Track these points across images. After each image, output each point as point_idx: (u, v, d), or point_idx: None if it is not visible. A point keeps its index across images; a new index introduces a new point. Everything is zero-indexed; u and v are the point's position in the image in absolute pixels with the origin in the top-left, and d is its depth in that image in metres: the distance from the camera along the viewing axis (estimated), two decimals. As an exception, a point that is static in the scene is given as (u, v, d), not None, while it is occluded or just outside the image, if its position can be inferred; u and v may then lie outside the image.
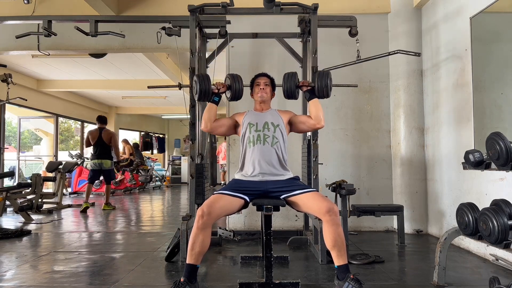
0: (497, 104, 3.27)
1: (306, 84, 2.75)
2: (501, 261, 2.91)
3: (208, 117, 2.61)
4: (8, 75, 6.20)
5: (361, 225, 4.41)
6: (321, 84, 2.69)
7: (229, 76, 2.74)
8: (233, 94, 2.71)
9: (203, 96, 2.68)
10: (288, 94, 2.76)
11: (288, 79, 2.73)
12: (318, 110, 2.63)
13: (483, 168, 2.20)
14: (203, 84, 2.66)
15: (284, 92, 2.77)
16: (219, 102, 2.69)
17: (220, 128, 2.69)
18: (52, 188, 8.53)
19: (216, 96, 2.68)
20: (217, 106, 2.68)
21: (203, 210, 2.21)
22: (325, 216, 2.22)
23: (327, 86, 2.70)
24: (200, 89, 2.66)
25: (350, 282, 2.19)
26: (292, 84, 2.73)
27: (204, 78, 2.68)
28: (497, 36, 3.33)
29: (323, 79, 2.70)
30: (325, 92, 2.72)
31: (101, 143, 6.43)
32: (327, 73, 2.73)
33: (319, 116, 2.62)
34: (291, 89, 2.73)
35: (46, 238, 4.21)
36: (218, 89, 2.68)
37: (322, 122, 2.62)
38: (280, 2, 3.35)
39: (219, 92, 2.69)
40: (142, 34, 4.90)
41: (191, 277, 2.22)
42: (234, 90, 2.70)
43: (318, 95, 2.73)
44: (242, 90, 2.73)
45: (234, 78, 2.70)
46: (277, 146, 2.55)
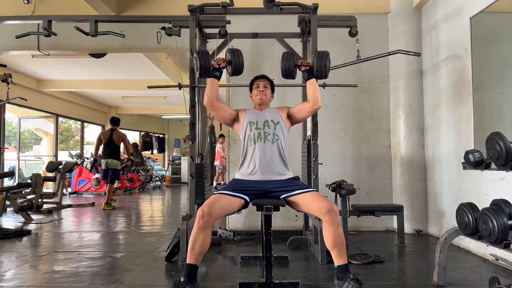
0: (497, 104, 3.27)
1: (305, 64, 2.75)
2: (501, 261, 2.91)
3: (210, 92, 2.61)
4: (8, 75, 6.20)
5: (361, 225, 4.41)
6: (320, 64, 2.70)
7: (229, 51, 2.75)
8: (234, 69, 2.72)
9: (204, 72, 2.69)
10: (286, 73, 2.76)
11: (287, 58, 2.73)
12: (316, 91, 2.64)
13: (483, 168, 2.20)
14: (203, 60, 2.67)
15: (282, 71, 2.76)
16: (220, 77, 2.70)
17: (221, 110, 2.68)
18: (52, 188, 8.53)
19: (217, 71, 2.69)
20: (218, 81, 2.67)
21: (204, 210, 2.22)
22: (325, 216, 2.22)
23: (326, 66, 2.71)
24: (200, 65, 2.67)
25: (350, 282, 2.19)
26: (291, 63, 2.73)
27: (204, 54, 2.69)
28: (497, 36, 3.33)
29: (322, 60, 2.70)
30: (323, 72, 2.72)
31: (110, 144, 6.65)
32: (326, 54, 2.74)
33: (316, 96, 2.62)
34: (290, 68, 2.73)
35: (46, 238, 4.22)
36: (219, 64, 2.69)
37: (319, 102, 2.62)
38: (280, 2, 3.35)
39: (220, 67, 2.70)
40: (142, 34, 4.90)
41: (191, 277, 2.22)
42: (235, 65, 2.71)
43: (317, 75, 2.73)
44: (243, 65, 2.73)
45: (234, 53, 2.72)
46: (278, 143, 2.56)
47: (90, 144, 16.70)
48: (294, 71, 2.76)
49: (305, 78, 2.74)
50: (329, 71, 2.74)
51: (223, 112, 2.70)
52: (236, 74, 2.76)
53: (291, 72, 2.75)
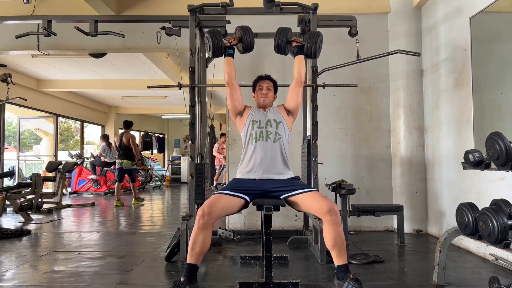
0: (497, 104, 3.27)
1: (297, 41, 2.81)
2: (500, 260, 2.91)
3: (229, 70, 2.65)
4: (8, 75, 6.20)
5: (361, 225, 4.41)
6: (310, 42, 2.76)
7: (239, 28, 2.78)
8: (245, 45, 2.77)
9: (216, 51, 2.71)
10: (278, 47, 2.81)
11: (281, 33, 2.79)
12: (301, 66, 2.71)
13: (482, 168, 2.20)
14: (215, 39, 2.68)
15: (274, 45, 2.81)
16: (234, 54, 2.73)
17: (236, 93, 2.67)
18: (52, 188, 8.53)
19: (230, 49, 2.72)
20: (233, 59, 2.71)
21: (204, 210, 2.22)
22: (326, 216, 2.23)
23: (316, 43, 2.76)
24: (213, 44, 2.68)
25: (350, 282, 2.19)
26: (284, 38, 2.78)
27: (215, 34, 2.71)
28: (496, 36, 3.33)
29: (313, 38, 2.76)
30: (313, 50, 2.77)
31: (122, 146, 7.17)
32: (318, 33, 2.80)
33: (301, 72, 2.69)
34: (282, 43, 2.79)
35: (46, 238, 4.22)
36: (230, 42, 2.74)
37: (303, 77, 2.70)
38: (280, 2, 3.35)
39: (231, 45, 2.74)
40: (142, 34, 4.90)
41: (191, 277, 2.23)
42: (246, 41, 2.75)
43: (306, 53, 2.79)
44: (253, 41, 2.78)
45: (244, 30, 2.76)
46: (280, 142, 2.57)
47: (90, 144, 16.70)
48: (286, 47, 2.81)
49: (294, 53, 2.80)
50: (319, 52, 2.81)
51: (237, 95, 2.69)
52: (247, 51, 2.81)
53: (283, 47, 2.81)
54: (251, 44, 2.77)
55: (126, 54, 6.66)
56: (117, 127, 13.48)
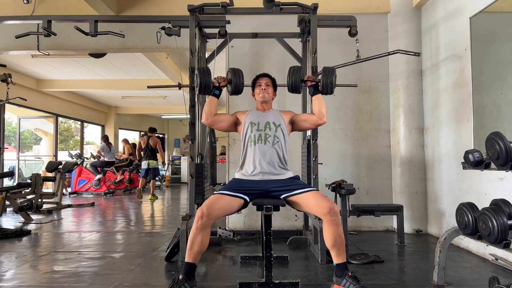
0: (497, 104, 3.28)
1: (311, 79, 2.76)
2: (500, 260, 2.91)
3: (208, 110, 2.63)
4: (7, 75, 6.19)
5: (361, 224, 4.41)
6: (326, 81, 2.70)
7: (230, 70, 2.76)
8: (234, 88, 2.73)
9: (203, 89, 2.70)
10: (293, 88, 2.76)
11: (293, 73, 2.74)
12: (321, 106, 2.65)
13: (482, 168, 2.20)
14: (203, 77, 2.68)
15: (288, 85, 2.77)
16: (220, 95, 2.72)
17: (220, 122, 2.69)
18: (51, 188, 8.53)
19: (217, 90, 2.70)
20: (217, 100, 2.70)
21: (203, 211, 2.21)
22: (326, 216, 2.23)
23: (332, 83, 2.71)
24: (200, 82, 2.68)
25: (348, 280, 2.20)
26: (297, 78, 2.73)
27: (204, 72, 2.70)
28: (496, 36, 3.33)
29: (328, 76, 2.71)
30: (329, 88, 2.72)
31: (148, 148, 8.09)
32: (332, 70, 2.74)
33: (322, 111, 2.64)
34: (296, 83, 2.74)
35: (46, 238, 4.21)
36: (219, 82, 2.71)
37: (324, 118, 2.65)
38: (280, 2, 3.35)
39: (220, 86, 2.72)
40: (142, 34, 4.90)
41: (189, 275, 2.23)
42: (235, 84, 2.71)
43: (322, 91, 2.73)
44: (243, 85, 2.74)
45: (235, 72, 2.72)
46: (278, 145, 2.56)
47: (90, 144, 16.70)
48: (300, 86, 2.76)
49: (311, 94, 2.76)
50: (334, 87, 2.74)
51: (223, 123, 2.70)
52: (235, 94, 2.76)
53: (297, 87, 2.76)
54: (240, 87, 2.72)
55: (126, 54, 6.66)
56: (117, 127, 13.48)
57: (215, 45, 3.92)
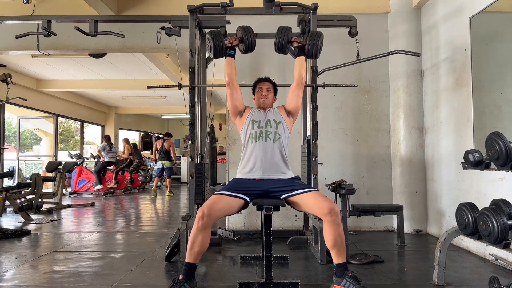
0: (497, 104, 3.28)
1: (298, 41, 2.80)
2: (500, 260, 2.91)
3: (230, 70, 2.66)
4: (7, 75, 6.19)
5: (361, 225, 4.41)
6: (312, 42, 2.73)
7: (240, 28, 2.77)
8: (246, 46, 2.75)
9: (218, 52, 2.70)
10: (279, 46, 2.79)
11: (282, 32, 2.77)
12: (302, 68, 2.71)
13: (482, 168, 2.20)
14: (216, 39, 2.67)
15: (275, 44, 2.79)
16: (235, 55, 2.73)
17: (237, 93, 2.68)
18: (51, 188, 8.53)
19: (231, 50, 2.72)
20: (234, 59, 2.71)
21: (203, 211, 2.21)
22: (326, 217, 2.23)
23: (317, 45, 2.74)
24: (214, 45, 2.67)
25: (348, 280, 2.20)
26: (285, 38, 2.76)
27: (216, 34, 2.70)
28: (496, 36, 3.33)
29: (314, 39, 2.74)
30: (314, 51, 2.75)
31: (163, 150, 9.04)
32: (319, 34, 2.78)
33: (302, 74, 2.69)
34: (283, 42, 2.76)
35: (46, 238, 4.21)
36: (231, 42, 2.73)
37: (303, 80, 2.71)
38: (280, 2, 3.35)
39: (233, 45, 2.74)
40: (142, 34, 4.90)
41: (189, 275, 2.23)
42: (247, 42, 2.74)
43: (307, 54, 2.77)
44: (255, 41, 2.76)
45: (245, 30, 2.74)
46: (279, 142, 2.57)
47: (89, 144, 16.70)
48: (286, 46, 2.79)
49: (295, 54, 2.79)
50: (319, 52, 2.78)
51: (237, 95, 2.70)
52: (249, 51, 2.79)
53: (283, 47, 2.78)
54: (253, 44, 2.76)
55: (126, 54, 6.66)
56: (117, 127, 13.48)
57: (215, 45, 3.91)
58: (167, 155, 9.07)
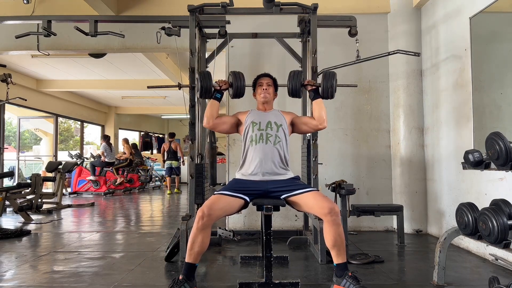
0: (497, 104, 3.28)
1: (311, 84, 2.74)
2: (500, 260, 2.91)
3: (210, 114, 2.61)
4: (7, 75, 6.19)
5: (361, 225, 4.41)
6: (326, 84, 2.68)
7: (231, 73, 2.75)
8: (235, 91, 2.72)
9: (204, 93, 2.69)
10: (293, 92, 2.75)
11: (294, 77, 2.73)
12: (322, 110, 2.64)
13: (482, 168, 2.20)
14: (204, 81, 2.67)
15: (288, 90, 2.76)
16: (221, 99, 2.71)
17: (222, 125, 2.68)
18: (51, 188, 8.53)
19: (218, 93, 2.69)
20: (219, 103, 2.68)
21: (203, 211, 2.21)
22: (327, 217, 2.23)
23: (333, 86, 2.68)
24: (201, 86, 2.67)
25: (348, 280, 2.20)
26: (298, 82, 2.72)
27: (205, 76, 2.69)
28: (496, 36, 3.33)
29: (329, 80, 2.68)
30: (330, 92, 2.70)
31: (171, 151, 9.74)
32: (333, 74, 2.71)
33: (322, 116, 2.63)
34: (296, 87, 2.72)
35: (46, 238, 4.21)
36: (220, 86, 2.70)
37: (325, 123, 2.64)
38: (280, 2, 3.35)
39: (221, 89, 2.70)
40: (142, 34, 4.89)
41: (189, 275, 2.23)
42: (236, 87, 2.70)
43: (323, 96, 2.71)
44: (244, 88, 2.73)
45: (236, 76, 2.71)
46: (280, 145, 2.56)
47: (89, 144, 16.69)
48: (300, 90, 2.75)
49: (311, 98, 2.74)
50: (335, 91, 2.71)
51: (225, 125, 2.69)
52: (237, 97, 2.75)
53: (297, 91, 2.74)
54: (242, 91, 2.71)
55: (126, 54, 6.66)
56: (117, 127, 13.47)
57: (215, 45, 3.92)
58: (175, 155, 9.78)
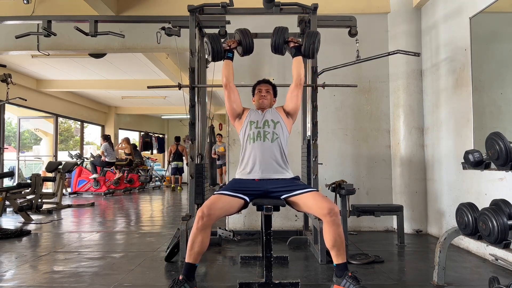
0: (497, 104, 3.28)
1: (295, 41, 2.77)
2: (500, 261, 2.91)
3: (227, 72, 2.67)
4: (7, 75, 6.19)
5: (361, 225, 4.41)
6: (308, 42, 2.70)
7: (237, 31, 2.77)
8: (244, 48, 2.75)
9: (216, 55, 2.71)
10: (275, 47, 2.77)
11: (278, 33, 2.74)
12: (300, 68, 2.68)
13: (482, 168, 2.20)
14: (214, 43, 2.68)
15: (271, 45, 2.77)
16: (233, 57, 2.74)
17: (234, 95, 2.69)
18: (51, 188, 8.53)
19: (229, 52, 2.73)
20: (232, 62, 2.72)
21: (203, 211, 2.21)
22: (326, 217, 2.23)
23: (314, 43, 2.70)
24: (212, 48, 2.68)
25: (348, 280, 2.20)
26: (281, 38, 2.73)
27: (214, 38, 2.71)
28: (496, 36, 3.33)
29: (311, 38, 2.71)
30: (311, 50, 2.72)
31: (177, 153, 10.91)
32: (316, 33, 2.75)
33: (300, 74, 2.67)
34: (279, 42, 2.74)
35: (46, 238, 4.21)
36: (229, 45, 2.74)
37: (302, 80, 2.68)
38: (280, 2, 3.35)
39: (231, 48, 2.74)
40: (142, 34, 4.90)
41: (189, 275, 2.23)
42: (245, 44, 2.74)
43: (304, 54, 2.74)
44: (253, 44, 2.76)
45: (243, 33, 2.75)
46: (278, 142, 2.57)
47: (90, 144, 16.69)
48: (283, 47, 2.77)
49: (292, 54, 2.77)
50: (317, 51, 2.75)
51: (236, 96, 2.71)
52: (247, 54, 2.79)
53: (280, 47, 2.76)
54: (251, 47, 2.76)
55: (126, 54, 6.65)
56: (117, 127, 13.47)
57: (215, 45, 3.91)
58: (180, 156, 10.98)
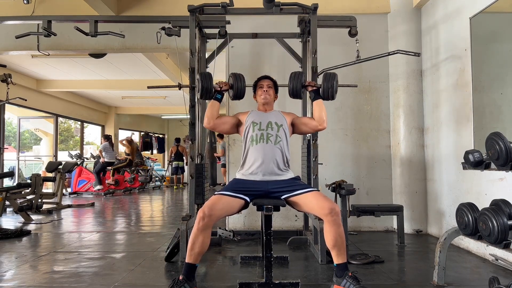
0: (497, 104, 3.28)
1: (312, 85, 2.74)
2: (500, 261, 2.91)
3: (210, 114, 2.62)
4: (7, 75, 6.19)
5: (361, 225, 4.41)
6: (327, 85, 2.68)
7: (231, 75, 2.76)
8: (235, 92, 2.73)
9: (205, 94, 2.71)
10: (293, 93, 2.75)
11: (295, 78, 2.72)
12: (322, 111, 2.64)
13: (482, 168, 2.20)
14: (205, 82, 2.68)
15: (289, 91, 2.75)
16: (222, 100, 2.72)
17: (223, 125, 2.69)
18: (51, 188, 8.53)
19: (218, 94, 2.70)
20: (219, 104, 2.69)
21: (204, 211, 2.21)
22: (327, 217, 2.23)
23: (333, 87, 2.68)
24: (202, 87, 2.69)
25: (348, 280, 2.20)
26: (298, 83, 2.72)
27: (206, 76, 2.71)
28: (496, 36, 3.33)
29: (329, 81, 2.68)
30: (330, 93, 2.69)
31: (178, 153, 11.41)
32: (333, 75, 2.71)
33: (322, 117, 2.63)
34: (297, 88, 2.72)
35: (46, 238, 4.21)
36: (221, 87, 2.71)
37: (324, 123, 2.64)
38: (280, 2, 3.35)
39: (222, 90, 2.72)
40: (142, 34, 4.89)
41: (189, 276, 2.23)
42: (237, 88, 2.71)
43: (323, 97, 2.71)
44: (244, 89, 2.73)
45: (237, 77, 2.73)
46: (280, 145, 2.56)
47: (90, 144, 16.69)
48: (301, 91, 2.75)
49: (312, 99, 2.74)
50: (336, 93, 2.71)
51: (225, 126, 2.70)
52: (237, 98, 2.75)
53: (298, 92, 2.74)
54: (242, 92, 2.72)
55: (126, 54, 6.66)
56: (117, 127, 13.47)
57: (215, 46, 3.92)
58: (181, 157, 11.47)
